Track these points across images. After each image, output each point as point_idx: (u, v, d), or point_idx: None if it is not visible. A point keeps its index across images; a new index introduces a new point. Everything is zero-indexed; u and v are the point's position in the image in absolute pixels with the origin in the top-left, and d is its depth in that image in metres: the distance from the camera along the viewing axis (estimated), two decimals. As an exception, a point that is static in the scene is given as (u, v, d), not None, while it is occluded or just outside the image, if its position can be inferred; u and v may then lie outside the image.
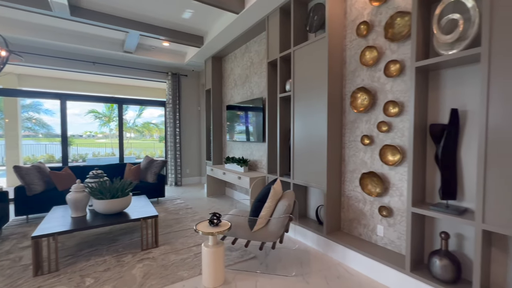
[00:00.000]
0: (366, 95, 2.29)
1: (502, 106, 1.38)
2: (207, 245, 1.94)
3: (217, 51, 4.57)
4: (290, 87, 2.92)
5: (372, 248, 2.20)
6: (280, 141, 3.09)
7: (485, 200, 1.45)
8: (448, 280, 1.66)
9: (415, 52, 1.75)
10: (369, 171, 2.26)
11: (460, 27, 1.58)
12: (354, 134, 2.45)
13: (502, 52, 1.38)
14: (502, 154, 1.39)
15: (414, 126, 1.78)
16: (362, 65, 2.30)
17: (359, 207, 2.42)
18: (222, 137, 5.04)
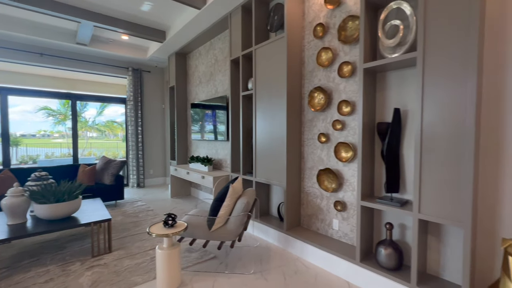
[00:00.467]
0: (322, 95, 2.38)
1: (433, 106, 1.52)
2: (161, 248, 1.87)
3: (180, 47, 4.43)
4: (252, 85, 2.92)
5: (328, 241, 2.29)
6: (243, 139, 3.09)
7: (421, 192, 1.58)
8: (392, 267, 1.78)
9: (363, 54, 1.85)
10: (325, 168, 2.35)
11: (400, 32, 1.71)
12: (312, 132, 2.53)
13: (434, 57, 1.51)
14: (433, 149, 1.52)
15: (362, 124, 1.89)
16: (319, 65, 2.38)
17: (316, 203, 2.51)
18: (187, 136, 4.91)
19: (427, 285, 1.63)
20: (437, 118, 1.51)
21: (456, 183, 1.45)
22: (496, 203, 1.51)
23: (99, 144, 14.04)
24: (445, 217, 1.49)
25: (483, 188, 1.55)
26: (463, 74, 1.41)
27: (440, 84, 1.49)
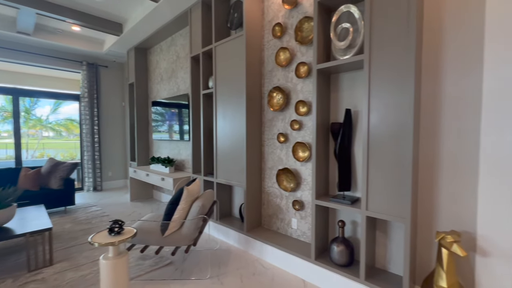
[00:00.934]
0: (281, 95, 2.38)
1: (379, 108, 1.58)
2: (106, 258, 1.71)
3: (140, 41, 4.18)
4: (213, 84, 2.84)
5: (287, 240, 2.30)
6: (205, 139, 2.99)
7: (368, 190, 1.64)
8: (344, 263, 1.83)
9: (316, 56, 1.88)
10: (284, 168, 2.36)
11: (350, 35, 1.76)
12: (272, 132, 2.52)
13: (379, 60, 1.57)
14: (379, 149, 1.59)
15: (316, 124, 1.91)
16: (278, 65, 2.38)
17: (276, 202, 2.51)
18: (148, 136, 4.66)
19: (375, 278, 1.70)
20: (382, 120, 1.57)
21: (398, 182, 1.52)
22: (433, 199, 1.61)
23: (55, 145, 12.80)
24: (390, 213, 1.56)
25: (423, 186, 1.65)
26: (404, 79, 1.48)
27: (385, 86, 1.56)
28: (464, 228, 1.51)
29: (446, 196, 1.57)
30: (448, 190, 1.56)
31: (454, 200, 1.54)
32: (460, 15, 1.49)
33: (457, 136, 1.52)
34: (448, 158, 1.55)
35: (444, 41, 1.55)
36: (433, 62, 1.59)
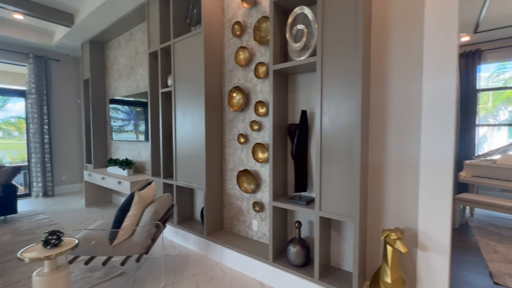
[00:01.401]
0: (241, 95, 2.33)
1: (330, 109, 1.60)
2: (41, 274, 1.53)
3: (95, 34, 3.87)
4: (172, 82, 2.71)
5: (248, 243, 2.27)
6: (164, 140, 2.85)
7: (321, 191, 1.66)
8: (300, 263, 1.84)
9: (273, 56, 1.86)
10: (244, 169, 2.32)
11: (304, 37, 1.76)
12: (233, 133, 2.47)
13: (331, 63, 1.59)
14: (331, 151, 1.61)
15: (273, 125, 1.90)
16: (237, 65, 2.33)
17: (238, 205, 2.47)
18: (106, 136, 4.35)
19: (328, 277, 1.73)
20: (333, 121, 1.60)
21: (349, 182, 1.55)
22: (382, 198, 1.68)
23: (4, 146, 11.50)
24: (341, 213, 1.59)
25: (373, 186, 1.72)
26: (353, 82, 1.51)
27: (336, 89, 1.58)
28: (407, 225, 1.59)
29: (393, 195, 1.64)
30: (394, 190, 1.63)
31: (400, 199, 1.61)
32: (404, 21, 1.57)
33: (401, 138, 1.60)
34: (395, 159, 1.63)
35: (389, 48, 1.62)
36: (380, 68, 1.66)
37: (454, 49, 1.41)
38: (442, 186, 1.46)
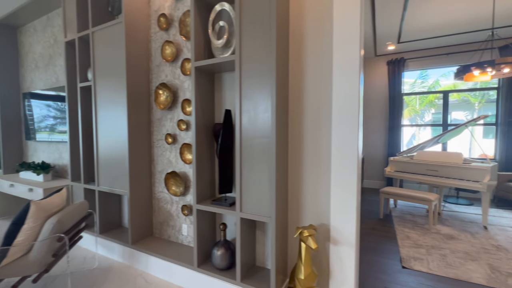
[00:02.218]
0: (168, 92, 2.20)
1: (250, 109, 1.58)
2: None
3: (3, 16, 3.29)
4: (91, 76, 2.42)
5: (177, 248, 2.15)
6: (84, 140, 2.55)
7: (242, 192, 1.64)
8: (225, 266, 1.80)
9: (194, 52, 1.77)
10: (172, 171, 2.19)
11: (226, 34, 1.71)
12: (161, 133, 2.32)
13: (249, 62, 1.57)
14: (250, 151, 1.59)
15: (197, 125, 1.82)
16: (164, 60, 2.19)
17: (167, 209, 2.33)
18: (21, 136, 3.75)
19: (251, 278, 1.72)
20: (252, 121, 1.58)
21: (266, 182, 1.55)
22: (301, 196, 1.73)
23: None
24: (261, 213, 1.59)
25: (293, 184, 1.75)
26: (269, 82, 1.51)
27: (254, 88, 1.56)
28: (322, 221, 1.66)
29: (310, 193, 1.70)
30: (312, 188, 1.69)
31: (316, 196, 1.68)
32: (317, 30, 1.62)
33: (316, 138, 1.66)
34: (311, 158, 1.68)
35: (306, 51, 1.67)
36: (299, 69, 1.70)
37: (357, 61, 1.50)
38: (348, 182, 1.55)
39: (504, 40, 4.28)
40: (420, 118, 10.92)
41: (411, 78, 9.71)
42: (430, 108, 10.51)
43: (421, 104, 10.69)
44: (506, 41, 4.12)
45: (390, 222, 3.38)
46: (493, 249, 2.57)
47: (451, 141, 4.49)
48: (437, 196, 3.17)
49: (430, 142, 3.98)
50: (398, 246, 2.63)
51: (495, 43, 4.21)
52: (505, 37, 4.27)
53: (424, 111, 10.96)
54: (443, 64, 4.83)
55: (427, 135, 10.56)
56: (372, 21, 3.70)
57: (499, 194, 4.08)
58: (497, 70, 2.82)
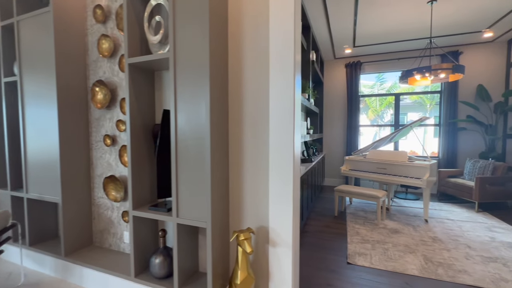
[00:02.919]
0: (106, 90, 2.04)
1: (184, 110, 1.51)
2: None
3: None
4: (18, 70, 2.17)
5: (118, 258, 2.00)
6: (10, 142, 2.27)
7: (178, 196, 1.56)
8: (164, 275, 1.71)
9: (127, 48, 1.65)
10: (111, 175, 2.04)
11: (162, 29, 1.62)
12: (100, 134, 2.15)
13: (183, 60, 1.50)
14: (186, 153, 1.52)
15: (132, 125, 1.70)
16: (101, 55, 2.02)
17: (108, 215, 2.16)
18: None
19: (191, 285, 1.65)
20: (187, 122, 1.51)
21: (203, 185, 1.50)
22: (242, 199, 1.70)
23: None
24: (198, 218, 1.53)
25: (234, 187, 1.72)
26: (204, 80, 1.45)
27: (189, 88, 1.49)
28: (262, 224, 1.65)
29: (250, 195, 1.67)
30: (252, 189, 1.67)
31: (256, 198, 1.66)
32: (254, 31, 1.60)
33: (255, 138, 1.64)
34: (251, 159, 1.66)
35: (244, 51, 1.64)
36: (238, 69, 1.66)
37: (291, 64, 1.50)
38: (285, 184, 1.55)
39: (442, 49, 4.68)
40: (380, 118, 11.66)
41: (371, 80, 10.29)
42: (389, 109, 11.26)
43: (381, 105, 11.40)
44: (442, 50, 4.51)
45: (344, 219, 3.51)
46: (429, 240, 2.79)
47: (408, 140, 4.82)
48: (385, 193, 3.36)
49: (383, 142, 4.21)
50: (347, 243, 2.74)
51: (435, 50, 4.60)
52: (441, 46, 4.69)
53: (383, 112, 11.72)
54: (395, 68, 5.17)
55: (386, 134, 11.17)
56: (327, 25, 3.82)
57: (441, 189, 4.46)
58: (435, 75, 3.06)
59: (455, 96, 4.74)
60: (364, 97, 5.82)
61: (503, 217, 3.57)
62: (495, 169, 3.94)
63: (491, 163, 3.96)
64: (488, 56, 4.61)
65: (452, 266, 2.26)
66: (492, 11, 3.41)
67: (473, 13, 3.46)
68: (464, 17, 3.60)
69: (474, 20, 3.68)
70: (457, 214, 3.69)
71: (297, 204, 1.67)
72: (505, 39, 4.40)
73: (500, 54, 4.54)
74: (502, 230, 3.07)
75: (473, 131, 4.69)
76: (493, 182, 3.83)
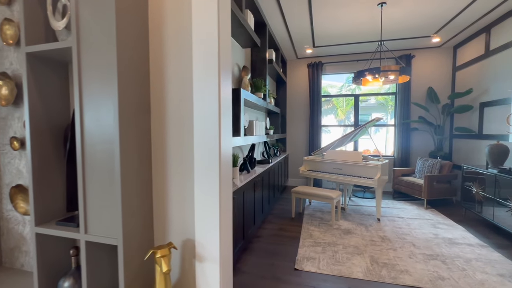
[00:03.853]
0: (12, 84, 1.73)
1: (92, 111, 1.30)
2: None
3: None
4: None
5: (28, 281, 1.71)
6: None
7: (87, 210, 1.34)
8: (76, 300, 1.47)
9: (25, 34, 1.39)
10: (18, 184, 1.74)
11: (67, 14, 1.38)
12: (7, 136, 1.83)
13: (89, 49, 1.28)
14: (94, 160, 1.31)
15: (31, 126, 1.43)
16: (5, 43, 1.71)
17: (19, 231, 1.85)
18: None
19: (107, 310, 1.44)
20: (96, 124, 1.30)
21: (113, 196, 1.29)
22: (167, 211, 1.52)
23: None
24: (107, 234, 1.32)
25: (158, 197, 1.53)
26: (112, 76, 1.25)
27: (97, 84, 1.28)
28: (188, 237, 1.48)
29: (176, 205, 1.50)
30: (178, 199, 1.49)
31: (181, 210, 1.49)
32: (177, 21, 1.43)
33: (180, 143, 1.47)
34: (176, 165, 1.48)
35: (166, 44, 1.46)
36: (160, 65, 1.48)
37: (214, 60, 1.35)
38: (209, 191, 1.40)
39: (393, 52, 4.87)
40: (348, 119, 12.06)
41: (341, 81, 10.56)
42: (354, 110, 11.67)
43: (347, 105, 11.81)
44: (392, 53, 4.68)
45: (301, 220, 3.47)
46: (379, 240, 2.82)
47: (371, 139, 4.92)
48: (339, 193, 3.37)
49: (343, 141, 4.24)
50: (299, 247, 2.67)
51: (389, 53, 4.77)
52: (395, 49, 4.88)
53: (349, 113, 12.14)
54: (354, 70, 5.27)
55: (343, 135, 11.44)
56: (284, 23, 3.75)
57: (395, 187, 4.63)
58: (384, 76, 3.12)
59: (408, 97, 4.95)
60: (325, 97, 5.89)
61: (448, 213, 3.78)
62: (442, 168, 4.17)
63: (438, 162, 4.18)
64: (437, 60, 4.88)
65: (395, 266, 2.28)
66: (438, 17, 3.57)
67: (421, 18, 3.60)
68: (413, 21, 3.73)
69: (422, 25, 3.84)
70: (408, 211, 3.84)
71: (227, 214, 1.53)
72: (452, 44, 4.68)
73: (448, 58, 4.83)
74: (445, 227, 3.22)
75: (424, 131, 4.94)
76: (440, 180, 4.04)
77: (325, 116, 9.89)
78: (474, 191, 3.32)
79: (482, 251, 2.56)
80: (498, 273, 2.16)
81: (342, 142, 4.10)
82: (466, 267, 2.26)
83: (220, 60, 1.38)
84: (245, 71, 3.07)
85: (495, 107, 3.64)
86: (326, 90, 6.89)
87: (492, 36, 3.72)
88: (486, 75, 3.87)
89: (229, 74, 1.53)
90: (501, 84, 3.49)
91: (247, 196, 2.62)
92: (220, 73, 1.38)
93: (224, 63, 1.45)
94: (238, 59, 3.16)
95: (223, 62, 1.43)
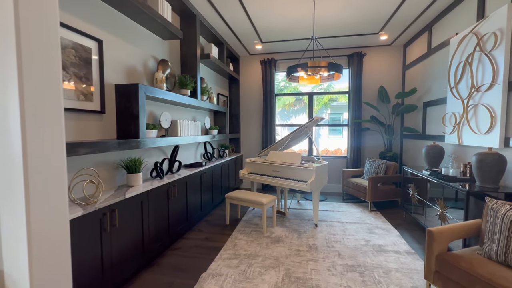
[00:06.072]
0: None
1: None
2: None
3: None
4: None
5: None
6: None
7: None
8: None
9: None
10: None
11: None
12: None
13: None
14: None
15: None
16: None
17: None
18: None
19: None
20: None
21: None
22: None
23: None
24: None
25: None
26: None
27: None
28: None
29: (-12, 228, 1.18)
30: (-12, 220, 1.18)
31: (-10, 233, 1.17)
32: None
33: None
34: (-16, 178, 1.16)
35: None
36: None
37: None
38: (15, 211, 1.10)
39: (351, 49, 4.73)
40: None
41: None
42: (327, 109, 11.65)
43: (318, 105, 11.73)
44: (326, 52, 4.54)
45: (233, 228, 3.22)
46: (305, 250, 2.62)
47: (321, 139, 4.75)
48: (272, 198, 3.16)
49: (284, 141, 4.04)
50: (213, 260, 2.42)
51: (340, 51, 4.61)
52: (346, 47, 4.76)
53: (321, 111, 12.09)
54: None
55: (324, 134, 11.48)
56: (219, 15, 3.47)
57: (344, 189, 4.50)
58: (313, 72, 2.92)
59: (359, 96, 4.83)
60: (278, 95, 5.67)
61: (390, 216, 3.66)
62: (388, 169, 4.07)
63: (384, 163, 4.07)
64: (388, 59, 4.79)
65: (307, 282, 2.07)
66: (379, 12, 3.42)
67: (359, 13, 3.44)
68: (355, 17, 3.57)
69: (365, 21, 3.69)
70: (350, 215, 3.69)
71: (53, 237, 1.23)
72: (401, 43, 4.60)
73: (398, 57, 4.75)
74: (381, 231, 3.09)
75: (375, 132, 4.84)
76: (385, 181, 3.93)
77: (298, 116, 9.71)
78: (411, 193, 3.21)
79: (407, 259, 2.42)
80: (413, 286, 2.01)
81: (283, 143, 3.89)
82: (382, 280, 2.09)
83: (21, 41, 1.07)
84: (162, 66, 2.77)
85: (436, 107, 3.56)
86: (284, 88, 6.70)
87: (433, 34, 3.63)
88: (428, 74, 3.79)
89: (53, 64, 1.21)
90: (440, 83, 3.41)
91: (155, 205, 2.33)
92: (21, 55, 1.07)
93: (33, 47, 1.14)
94: (156, 51, 2.85)
95: (28, 44, 1.11)
